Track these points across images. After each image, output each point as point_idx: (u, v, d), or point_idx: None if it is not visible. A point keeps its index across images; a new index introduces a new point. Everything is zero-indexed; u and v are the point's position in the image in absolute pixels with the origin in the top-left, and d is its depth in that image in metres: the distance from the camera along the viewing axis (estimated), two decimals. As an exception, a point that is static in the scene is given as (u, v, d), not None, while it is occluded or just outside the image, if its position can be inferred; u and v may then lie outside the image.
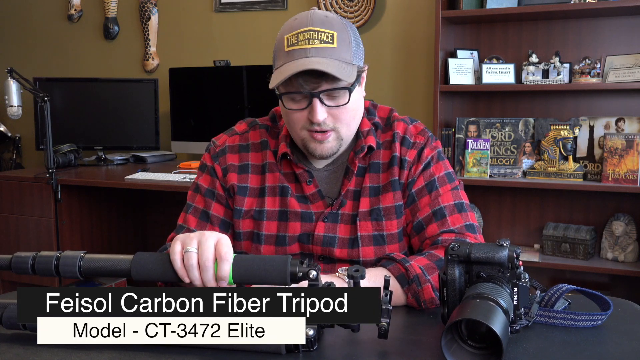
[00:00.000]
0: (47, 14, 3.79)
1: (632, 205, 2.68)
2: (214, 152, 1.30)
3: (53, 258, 0.92)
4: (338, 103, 1.15)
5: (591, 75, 2.58)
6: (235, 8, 3.35)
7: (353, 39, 1.16)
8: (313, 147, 1.19)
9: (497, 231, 2.96)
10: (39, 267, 0.92)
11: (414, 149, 1.25)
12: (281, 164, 1.27)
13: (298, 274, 0.88)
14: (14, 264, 0.93)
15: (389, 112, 1.31)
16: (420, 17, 3.00)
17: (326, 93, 1.13)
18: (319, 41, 1.11)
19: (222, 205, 1.28)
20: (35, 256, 0.93)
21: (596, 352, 0.87)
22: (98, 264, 0.92)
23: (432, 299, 1.06)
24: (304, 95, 1.14)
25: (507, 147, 2.77)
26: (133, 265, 0.91)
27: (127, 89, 3.39)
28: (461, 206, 1.22)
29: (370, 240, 1.23)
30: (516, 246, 0.90)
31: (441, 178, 1.24)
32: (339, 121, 1.17)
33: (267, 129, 1.31)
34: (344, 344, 0.91)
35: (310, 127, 1.16)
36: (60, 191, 2.80)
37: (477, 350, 0.81)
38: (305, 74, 1.10)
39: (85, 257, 0.93)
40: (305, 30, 1.12)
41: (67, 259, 0.92)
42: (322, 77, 1.11)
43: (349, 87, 1.13)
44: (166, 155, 3.42)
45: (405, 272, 1.08)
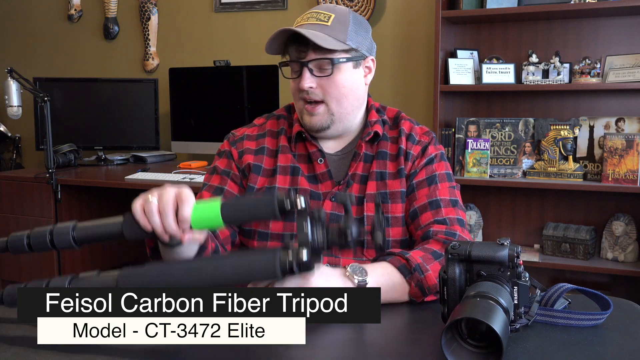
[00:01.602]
0: (47, 14, 3.79)
1: (632, 205, 2.68)
2: (232, 140, 1.38)
3: (47, 232, 0.96)
4: (324, 74, 1.25)
5: (591, 75, 2.58)
6: (235, 8, 3.35)
7: (352, 24, 1.26)
8: (306, 119, 1.29)
9: (497, 231, 2.96)
10: (34, 242, 0.96)
11: (419, 145, 1.32)
12: (296, 145, 1.34)
13: (286, 205, 0.90)
14: (11, 244, 0.97)
15: (396, 112, 1.39)
16: (420, 17, 3.00)
17: (315, 64, 1.24)
18: (315, 19, 1.24)
19: (237, 184, 1.34)
20: (30, 234, 0.97)
21: (596, 352, 0.87)
22: (91, 230, 0.96)
23: (435, 285, 1.08)
24: (298, 65, 1.26)
25: (507, 147, 2.77)
26: (124, 226, 0.95)
27: (127, 89, 3.39)
28: (456, 202, 1.28)
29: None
30: (516, 245, 0.90)
31: (442, 175, 1.31)
32: (327, 94, 1.26)
33: (284, 118, 1.39)
34: (344, 344, 0.91)
35: (302, 96, 1.27)
36: (60, 191, 2.80)
37: (477, 349, 0.81)
38: (295, 44, 1.23)
39: (78, 226, 0.96)
40: (310, 12, 1.26)
41: (61, 230, 0.96)
42: (308, 46, 1.22)
43: (332, 58, 1.23)
44: (166, 155, 3.42)
45: (406, 263, 1.11)
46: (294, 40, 1.23)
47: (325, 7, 1.27)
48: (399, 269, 1.10)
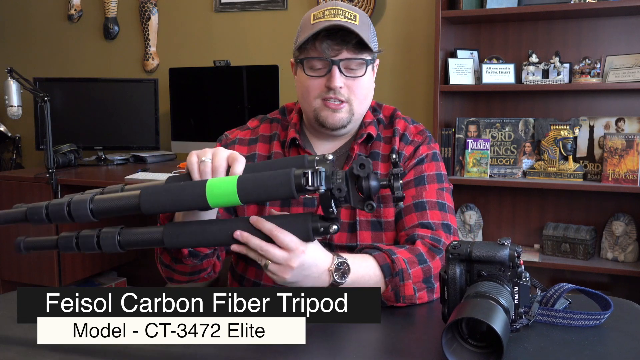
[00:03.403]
0: (47, 14, 3.79)
1: (632, 205, 2.68)
2: (225, 143, 1.36)
3: (64, 204, 0.97)
4: (355, 74, 1.22)
5: (591, 75, 2.58)
6: (235, 8, 3.35)
7: (372, 27, 1.26)
8: (325, 115, 1.24)
9: (497, 231, 2.95)
10: (52, 213, 0.97)
11: (411, 146, 1.30)
12: (289, 150, 1.31)
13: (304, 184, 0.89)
14: (30, 215, 0.98)
15: (392, 111, 1.37)
16: (420, 17, 3.00)
17: (345, 63, 1.20)
18: (343, 17, 1.19)
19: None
20: (48, 205, 0.98)
21: (596, 352, 0.87)
22: (108, 204, 0.96)
23: (411, 296, 1.07)
24: (324, 63, 1.21)
25: (507, 147, 2.77)
26: (142, 198, 0.93)
27: (127, 89, 3.39)
28: (442, 206, 1.24)
29: (368, 226, 1.24)
30: (517, 245, 0.90)
31: (431, 176, 1.27)
32: (353, 94, 1.23)
33: (277, 122, 1.36)
34: (344, 344, 0.91)
35: (326, 95, 1.22)
36: (60, 191, 2.80)
37: (478, 349, 0.81)
38: (328, 39, 1.18)
39: (95, 199, 0.96)
40: (332, 7, 1.21)
41: (79, 204, 0.96)
42: (343, 44, 1.19)
43: (367, 60, 1.22)
44: (166, 155, 3.41)
45: (390, 264, 1.09)
46: (328, 37, 1.19)
47: (344, 4, 1.23)
48: (381, 267, 1.08)
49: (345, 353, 0.90)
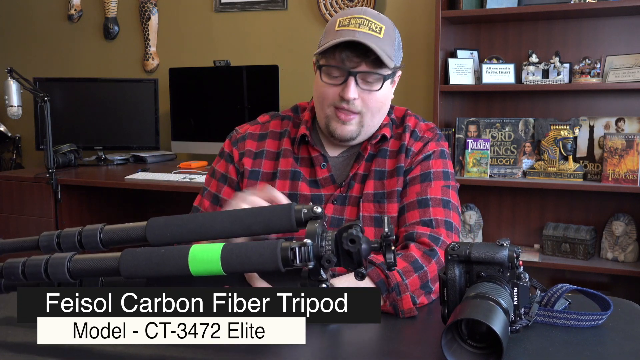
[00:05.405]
0: (47, 14, 3.79)
1: (632, 205, 2.68)
2: (234, 138, 1.37)
3: (42, 263, 0.91)
4: (371, 88, 1.22)
5: (591, 75, 2.58)
6: (235, 8, 3.35)
7: (397, 39, 1.25)
8: (334, 126, 1.25)
9: (497, 231, 2.96)
10: (29, 275, 0.92)
11: (421, 142, 1.30)
12: (299, 147, 1.31)
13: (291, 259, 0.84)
14: (6, 275, 0.94)
15: (404, 111, 1.38)
16: (420, 17, 3.00)
17: (362, 75, 1.20)
18: (368, 28, 1.19)
19: (233, 189, 1.32)
20: (25, 261, 0.93)
21: (596, 352, 0.87)
22: (87, 264, 0.90)
23: (410, 309, 1.03)
24: (342, 72, 1.20)
25: (507, 147, 2.77)
26: (122, 262, 0.88)
27: (127, 89, 3.39)
28: (447, 203, 1.23)
29: (372, 222, 1.24)
30: (516, 246, 0.90)
31: (437, 173, 1.27)
32: (366, 107, 1.23)
33: (289, 119, 1.37)
34: (344, 344, 0.91)
35: (339, 104, 1.22)
36: (60, 191, 2.80)
37: (477, 350, 0.81)
38: (348, 50, 1.17)
39: (74, 259, 0.91)
40: (358, 17, 1.21)
41: (56, 267, 0.91)
42: (363, 57, 1.18)
43: (384, 75, 1.21)
44: (166, 155, 3.42)
45: (385, 279, 1.06)
46: (348, 47, 1.18)
47: (372, 14, 1.22)
48: (376, 284, 1.05)
49: (345, 353, 0.90)
